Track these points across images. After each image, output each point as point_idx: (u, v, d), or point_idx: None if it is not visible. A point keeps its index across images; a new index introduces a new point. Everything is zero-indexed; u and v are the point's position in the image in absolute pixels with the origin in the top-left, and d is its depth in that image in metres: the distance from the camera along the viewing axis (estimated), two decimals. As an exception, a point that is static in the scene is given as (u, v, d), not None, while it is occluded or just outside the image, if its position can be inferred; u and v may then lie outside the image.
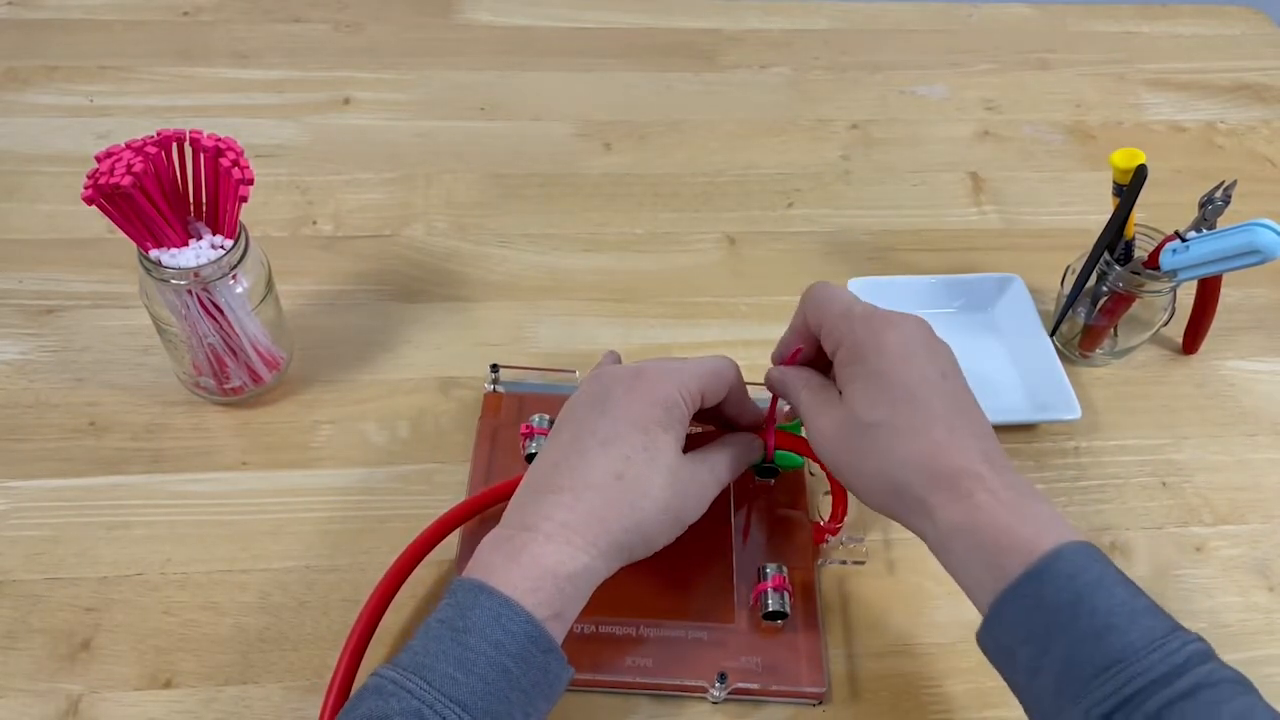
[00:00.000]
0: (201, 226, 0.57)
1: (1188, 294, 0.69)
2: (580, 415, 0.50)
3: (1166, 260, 0.63)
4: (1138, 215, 0.66)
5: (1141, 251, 0.67)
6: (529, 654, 0.43)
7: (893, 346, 0.49)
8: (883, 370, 0.48)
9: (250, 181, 0.55)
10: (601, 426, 0.49)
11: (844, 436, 0.49)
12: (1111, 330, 0.69)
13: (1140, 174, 0.63)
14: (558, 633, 0.45)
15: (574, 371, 0.65)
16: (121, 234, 0.55)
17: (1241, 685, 0.41)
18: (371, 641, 0.52)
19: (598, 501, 0.47)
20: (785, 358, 0.56)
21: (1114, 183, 0.64)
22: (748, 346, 0.67)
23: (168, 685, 0.52)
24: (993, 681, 0.56)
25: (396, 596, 0.53)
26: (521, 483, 0.50)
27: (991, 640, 0.46)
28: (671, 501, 0.49)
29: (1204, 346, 0.72)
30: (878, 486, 0.49)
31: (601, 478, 0.47)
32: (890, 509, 0.49)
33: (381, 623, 0.53)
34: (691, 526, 0.58)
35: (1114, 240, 0.65)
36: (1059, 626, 0.42)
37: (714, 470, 0.52)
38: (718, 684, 0.52)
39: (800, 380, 0.54)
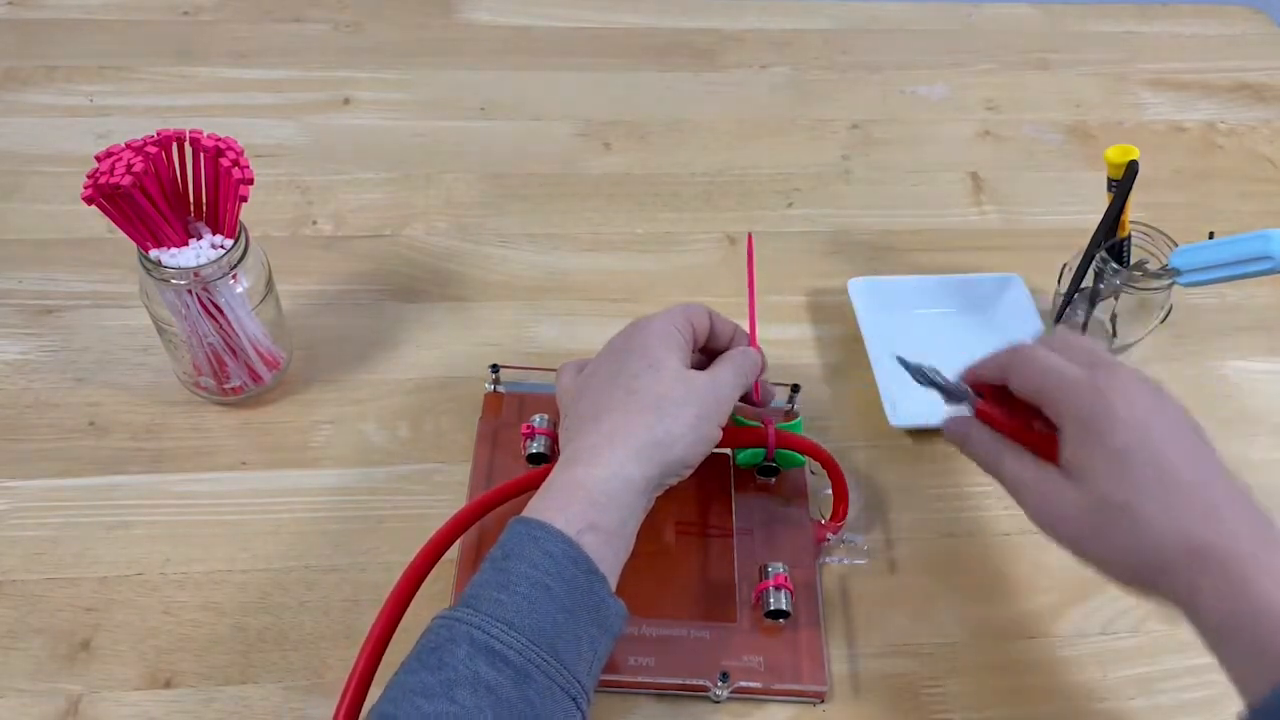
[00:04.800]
0: (201, 226, 0.57)
1: (1188, 294, 0.69)
2: (593, 381, 0.53)
3: (1177, 258, 0.63)
4: (1136, 214, 0.66)
5: (1138, 250, 0.67)
6: (567, 572, 0.45)
7: (1127, 415, 0.46)
8: (1124, 445, 0.45)
9: (250, 181, 0.55)
10: (609, 370, 0.52)
11: (1088, 519, 0.46)
12: (1111, 330, 0.69)
13: (1131, 169, 0.63)
14: (597, 545, 0.46)
15: (574, 371, 0.65)
16: (121, 234, 0.55)
17: None
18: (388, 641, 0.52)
19: (617, 418, 0.50)
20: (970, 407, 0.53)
21: (1109, 179, 0.64)
22: (748, 346, 0.67)
23: (168, 685, 0.52)
24: (993, 681, 0.56)
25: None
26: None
27: None
28: (689, 400, 0.51)
29: (1204, 346, 0.72)
30: (1132, 568, 0.45)
31: (615, 399, 0.50)
32: (1146, 590, 0.46)
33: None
34: (694, 525, 0.59)
35: (1109, 237, 0.65)
36: None
37: (721, 374, 0.53)
38: (720, 683, 0.52)
39: (997, 446, 0.50)
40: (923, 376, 0.52)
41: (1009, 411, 0.50)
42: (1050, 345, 0.50)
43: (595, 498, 0.47)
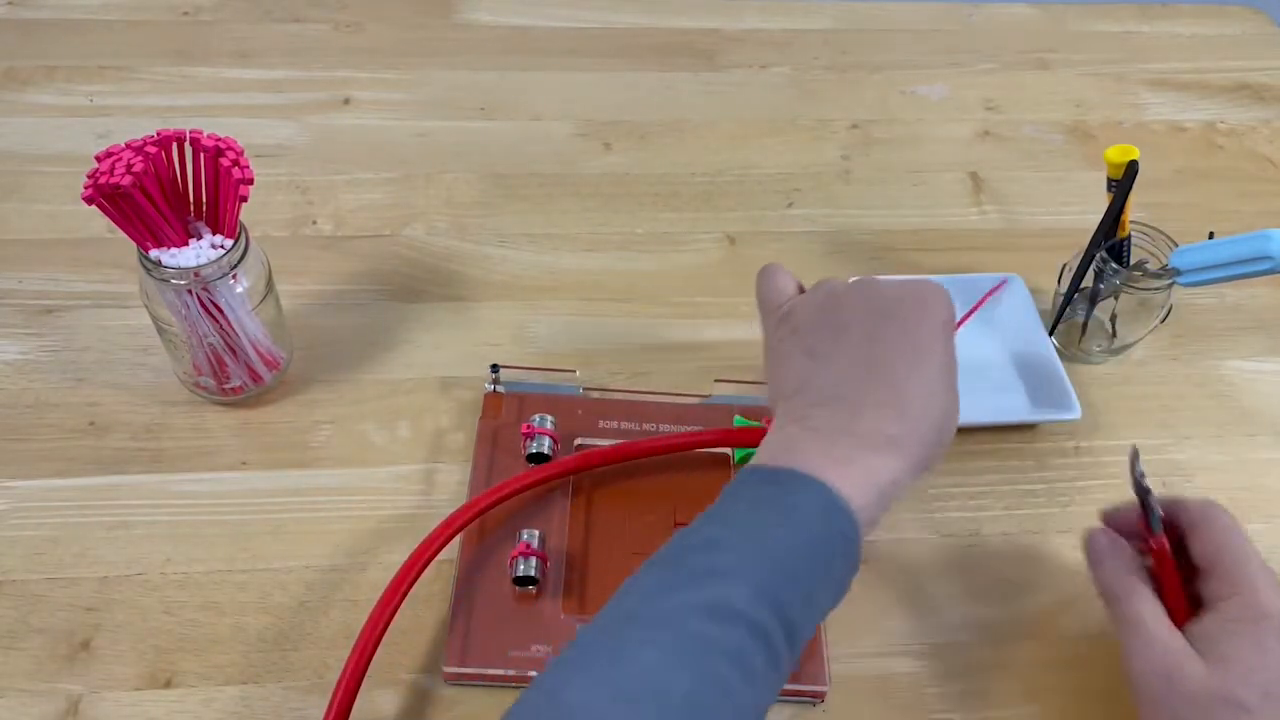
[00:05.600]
0: (201, 226, 0.57)
1: (1187, 294, 0.69)
2: (872, 324, 0.49)
3: (1177, 259, 0.63)
4: (1136, 214, 0.66)
5: (1138, 250, 0.67)
6: (849, 552, 0.44)
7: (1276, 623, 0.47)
8: (1271, 649, 0.46)
9: (250, 181, 0.55)
10: (905, 341, 0.48)
11: (1200, 700, 0.46)
12: (1111, 330, 0.69)
13: (1131, 169, 0.63)
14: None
15: (574, 371, 0.65)
16: (121, 234, 0.55)
17: None
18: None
19: (921, 421, 0.47)
20: (1125, 531, 0.53)
21: (1108, 179, 0.64)
22: (748, 347, 0.67)
23: (168, 685, 0.52)
24: (994, 681, 0.56)
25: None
26: (802, 383, 0.49)
27: None
28: (957, 407, 0.49)
29: (1204, 346, 0.72)
30: None
31: (919, 393, 0.47)
32: None
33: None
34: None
35: (1109, 237, 0.65)
36: None
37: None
38: (718, 684, 0.52)
39: (1134, 579, 0.50)
40: (1141, 486, 0.52)
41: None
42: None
43: (885, 499, 0.45)
